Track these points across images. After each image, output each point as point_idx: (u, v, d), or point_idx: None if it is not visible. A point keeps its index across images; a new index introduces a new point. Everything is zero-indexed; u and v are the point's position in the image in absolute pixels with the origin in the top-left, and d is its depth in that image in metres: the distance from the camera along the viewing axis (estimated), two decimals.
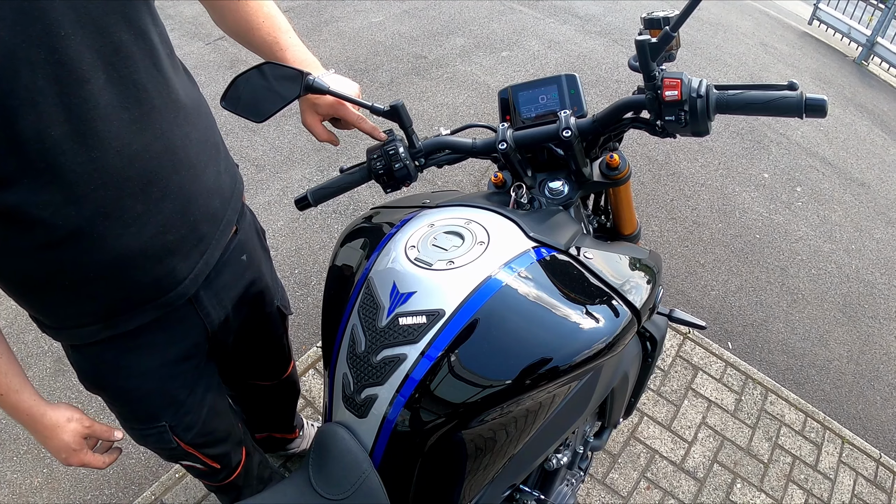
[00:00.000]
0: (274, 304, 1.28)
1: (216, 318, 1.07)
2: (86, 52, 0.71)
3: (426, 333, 0.78)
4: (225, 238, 1.02)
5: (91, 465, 1.00)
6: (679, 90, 0.86)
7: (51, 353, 2.21)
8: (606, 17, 4.76)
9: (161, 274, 0.90)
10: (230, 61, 3.59)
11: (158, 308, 0.94)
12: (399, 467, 0.82)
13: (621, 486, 2.01)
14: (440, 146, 1.05)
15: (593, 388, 1.02)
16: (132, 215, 0.82)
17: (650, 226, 3.05)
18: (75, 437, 0.96)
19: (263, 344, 1.36)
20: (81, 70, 0.71)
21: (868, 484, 2.19)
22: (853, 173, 3.77)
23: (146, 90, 0.80)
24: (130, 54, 0.77)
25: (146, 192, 0.83)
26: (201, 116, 0.95)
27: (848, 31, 5.75)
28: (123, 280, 0.87)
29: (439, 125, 0.97)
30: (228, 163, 1.05)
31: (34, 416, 0.92)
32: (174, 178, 0.86)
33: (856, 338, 2.76)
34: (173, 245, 0.90)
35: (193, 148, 0.90)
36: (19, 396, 0.90)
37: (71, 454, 0.97)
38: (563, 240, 0.90)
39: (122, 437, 1.05)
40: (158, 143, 0.82)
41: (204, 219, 0.94)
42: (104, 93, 0.74)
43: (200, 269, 0.97)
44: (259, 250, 1.20)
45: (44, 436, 0.95)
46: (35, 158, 0.71)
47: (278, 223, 2.77)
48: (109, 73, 0.74)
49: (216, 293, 1.05)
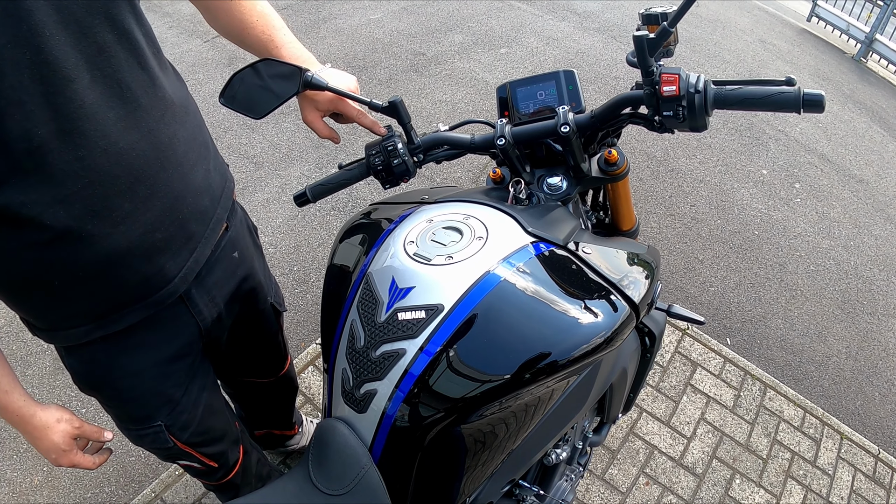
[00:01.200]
0: (267, 300, 1.28)
1: (209, 316, 1.07)
2: (70, 52, 0.72)
3: (425, 328, 0.78)
4: (215, 236, 1.02)
5: (81, 466, 1.00)
6: (677, 85, 0.86)
7: (50, 351, 2.21)
8: (605, 14, 4.76)
9: (150, 272, 0.90)
10: (228, 59, 3.59)
11: (149, 307, 0.94)
12: (398, 462, 0.82)
13: (620, 481, 2.02)
14: (439, 142, 1.05)
15: (592, 383, 1.02)
16: (120, 214, 0.82)
17: (649, 222, 3.05)
18: (65, 438, 0.96)
19: (258, 341, 1.36)
20: (66, 70, 0.72)
21: (867, 480, 2.19)
22: (852, 170, 3.77)
23: (131, 89, 0.80)
24: (114, 54, 0.77)
25: (134, 191, 0.83)
26: (189, 115, 0.95)
27: (847, 28, 5.75)
28: (113, 279, 0.87)
29: (438, 122, 0.97)
30: (218, 162, 1.05)
31: (24, 416, 0.93)
32: (161, 176, 0.86)
33: (854, 334, 2.76)
34: (162, 243, 0.90)
35: (181, 146, 0.90)
36: (9, 397, 0.91)
37: (60, 455, 0.97)
38: (562, 235, 0.91)
39: (111, 437, 1.05)
40: (145, 141, 0.82)
41: (193, 217, 0.94)
42: (89, 92, 0.75)
43: (190, 267, 0.97)
44: (251, 247, 1.20)
45: (33, 436, 0.95)
46: (22, 158, 0.72)
47: (277, 220, 2.77)
48: (94, 73, 0.75)
49: (208, 291, 1.05)
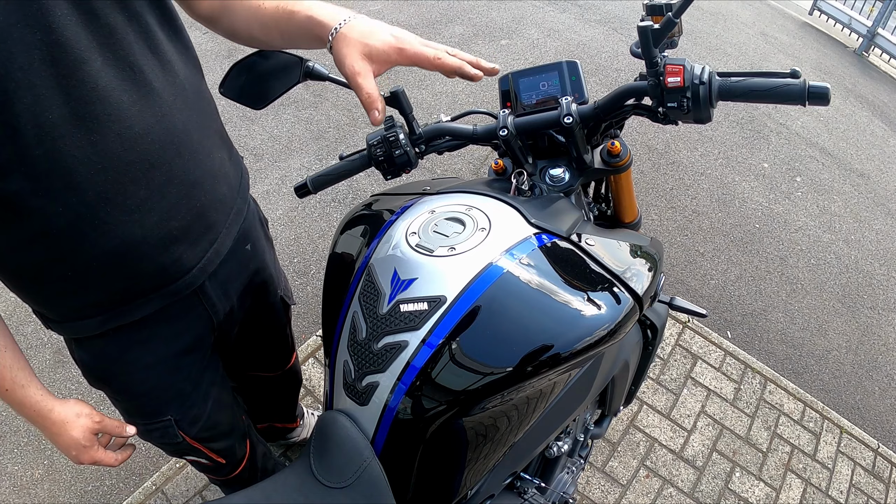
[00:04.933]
0: (277, 294, 1.27)
1: (222, 310, 1.05)
2: (82, 33, 0.69)
3: (428, 320, 0.77)
4: (236, 226, 0.99)
5: (103, 463, 0.97)
6: (682, 77, 0.86)
7: (50, 344, 2.21)
8: (606, 6, 4.73)
9: (166, 262, 0.88)
10: (227, 50, 3.56)
11: (164, 297, 0.91)
12: (400, 455, 0.82)
13: (621, 474, 2.02)
14: (441, 132, 1.05)
15: (594, 375, 1.02)
16: (135, 201, 0.80)
17: (650, 215, 3.04)
18: (85, 434, 0.93)
19: (267, 335, 1.34)
20: (79, 51, 0.69)
21: (866, 474, 2.20)
22: (853, 164, 3.76)
23: (143, 72, 0.77)
24: (125, 36, 0.75)
25: (149, 177, 0.80)
26: (203, 102, 0.92)
27: (849, 21, 5.72)
28: (127, 268, 0.85)
29: (439, 112, 0.96)
30: (233, 151, 1.03)
31: (41, 411, 0.89)
32: (177, 161, 0.83)
33: (855, 328, 2.76)
34: (179, 232, 0.87)
35: (196, 133, 0.87)
36: (25, 392, 0.87)
37: (81, 451, 0.94)
38: (565, 226, 0.90)
39: (134, 432, 1.02)
40: (160, 126, 0.80)
41: (211, 205, 0.92)
42: (102, 74, 0.72)
43: (210, 258, 0.94)
44: (263, 240, 1.18)
45: (52, 432, 0.92)
46: (33, 143, 0.69)
47: (277, 212, 2.76)
48: (105, 56, 0.72)
49: (221, 284, 1.03)
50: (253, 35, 0.95)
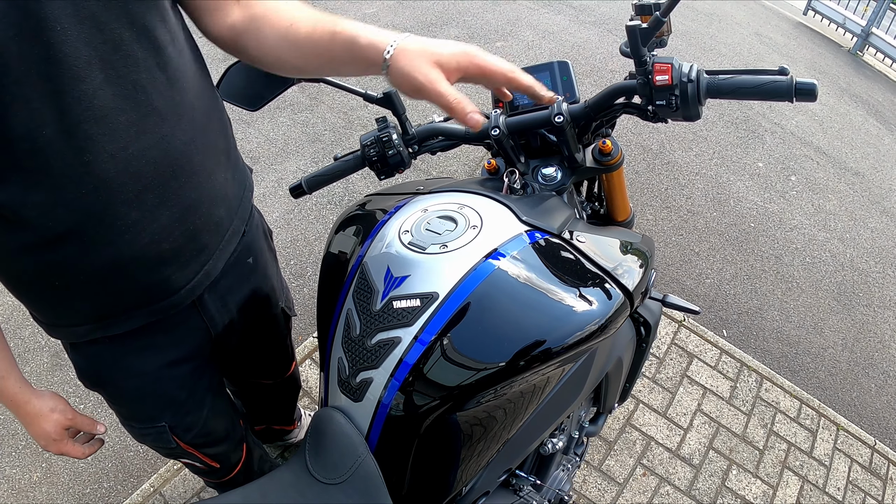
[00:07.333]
0: (279, 306, 1.25)
1: (220, 322, 1.05)
2: (83, 49, 0.67)
3: (420, 316, 0.78)
4: (230, 248, 0.98)
5: (70, 455, 1.00)
6: (670, 75, 0.87)
7: (48, 348, 2.21)
8: (600, 8, 4.75)
9: (154, 282, 0.87)
10: (223, 53, 3.57)
11: (153, 314, 0.91)
12: (395, 451, 0.83)
13: (617, 472, 2.03)
14: (434, 133, 1.06)
15: (587, 372, 1.03)
16: (126, 223, 0.78)
17: (644, 214, 3.06)
18: (56, 428, 0.96)
19: (266, 346, 1.33)
20: (77, 68, 0.67)
21: (863, 471, 2.20)
22: (847, 163, 3.78)
23: (146, 91, 0.74)
24: (130, 52, 0.72)
25: (141, 200, 0.78)
26: (212, 121, 0.89)
27: (843, 21, 5.75)
28: (113, 286, 0.85)
29: (433, 113, 0.97)
30: (238, 169, 1.00)
31: (18, 402, 0.93)
32: (172, 184, 0.81)
33: (850, 326, 2.77)
34: (169, 254, 0.86)
35: (198, 155, 0.84)
36: (5, 382, 0.90)
37: (50, 443, 0.97)
38: (556, 224, 0.91)
39: (104, 430, 1.04)
40: (157, 148, 0.77)
41: (205, 228, 0.90)
42: (100, 93, 0.70)
43: (200, 279, 0.94)
44: (266, 252, 1.17)
45: (26, 422, 0.96)
46: (25, 157, 0.68)
47: (273, 214, 2.77)
48: (108, 73, 0.70)
49: (221, 297, 1.03)
50: (282, 58, 0.86)
